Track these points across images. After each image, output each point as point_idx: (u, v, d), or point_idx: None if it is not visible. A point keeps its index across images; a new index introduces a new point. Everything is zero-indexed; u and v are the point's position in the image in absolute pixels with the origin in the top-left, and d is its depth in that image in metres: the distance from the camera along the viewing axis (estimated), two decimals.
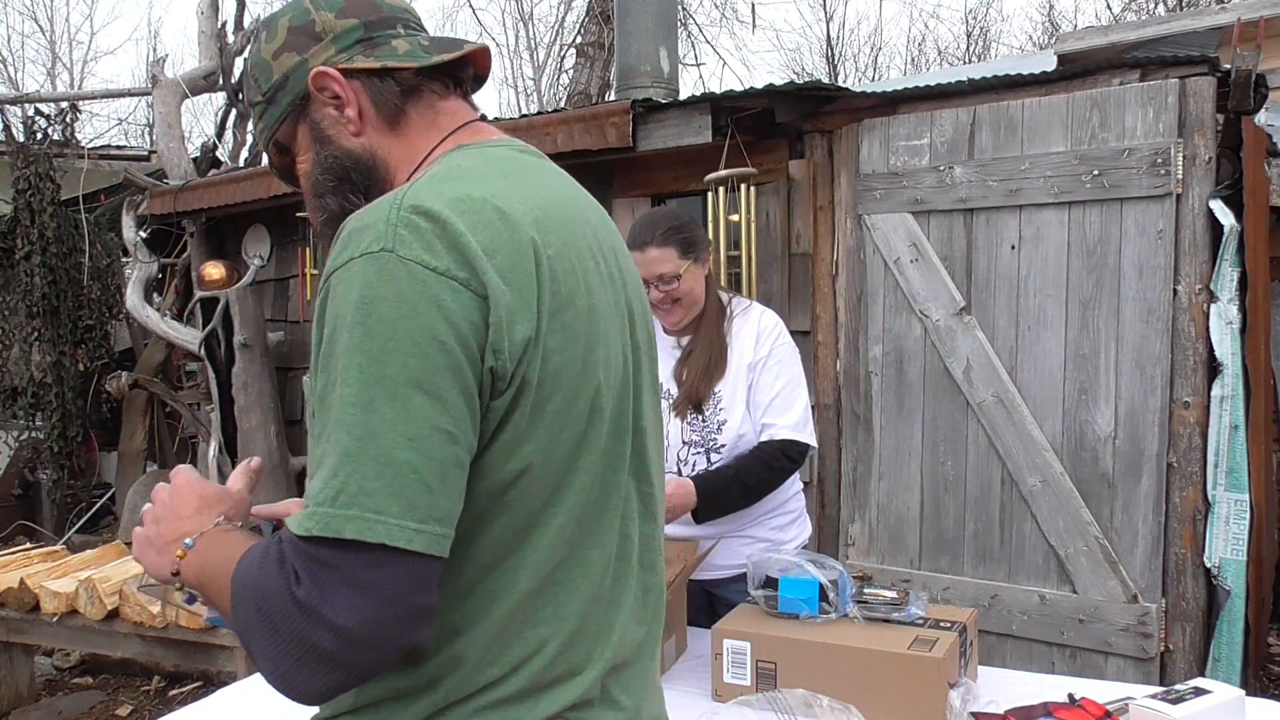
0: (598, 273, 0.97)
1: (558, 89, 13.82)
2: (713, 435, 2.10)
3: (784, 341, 2.17)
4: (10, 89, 15.64)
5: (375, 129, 1.04)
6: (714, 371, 2.12)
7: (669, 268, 2.09)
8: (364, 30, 1.04)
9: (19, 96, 7.48)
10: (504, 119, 4.02)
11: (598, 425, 0.93)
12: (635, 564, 1.01)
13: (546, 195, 0.95)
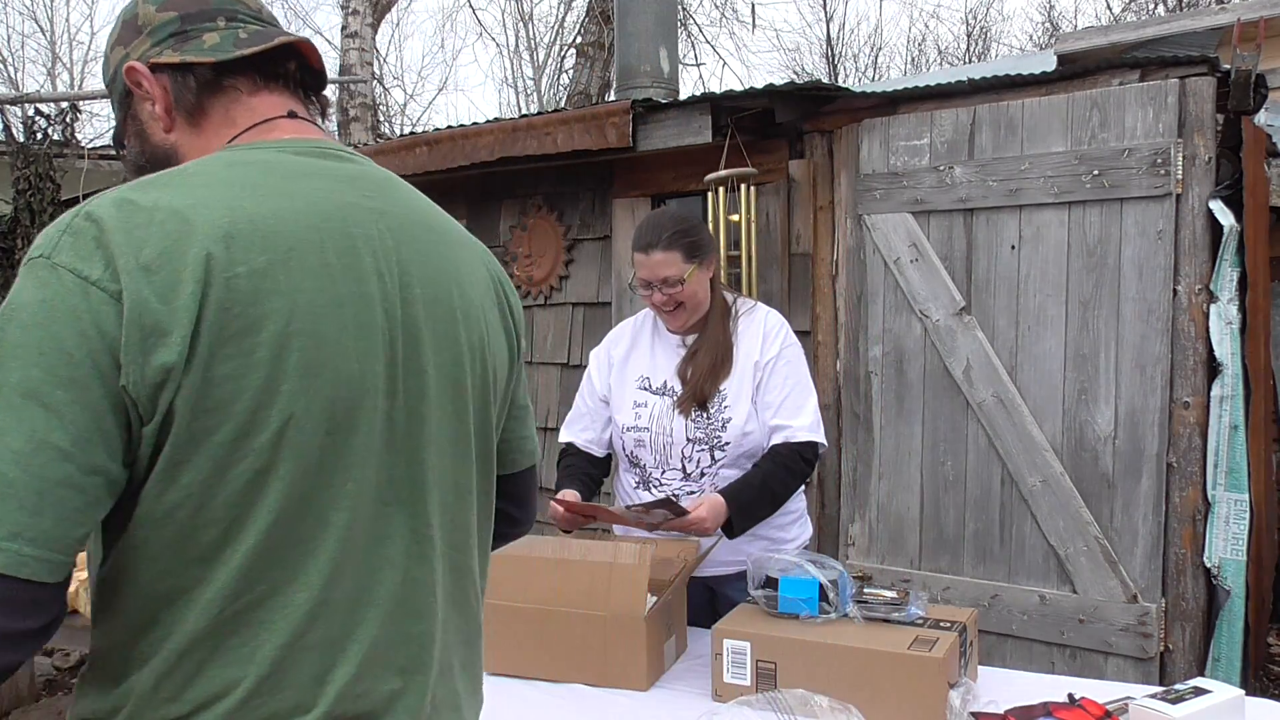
0: (343, 292, 0.89)
1: (558, 89, 13.82)
2: (717, 433, 2.10)
3: (791, 342, 2.17)
4: (10, 89, 15.64)
5: (181, 126, 1.00)
6: (719, 370, 2.11)
7: (673, 271, 2.08)
8: (180, 23, 1.00)
9: (19, 96, 7.48)
10: (504, 119, 4.02)
11: (292, 461, 0.85)
12: (389, 608, 0.93)
13: (283, 205, 0.88)
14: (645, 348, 2.24)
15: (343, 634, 0.90)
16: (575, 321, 4.17)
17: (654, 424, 2.14)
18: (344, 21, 10.03)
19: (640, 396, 2.18)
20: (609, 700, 1.78)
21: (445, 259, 1.00)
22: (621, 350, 2.28)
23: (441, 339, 0.97)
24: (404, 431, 0.94)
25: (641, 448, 2.16)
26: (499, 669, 1.91)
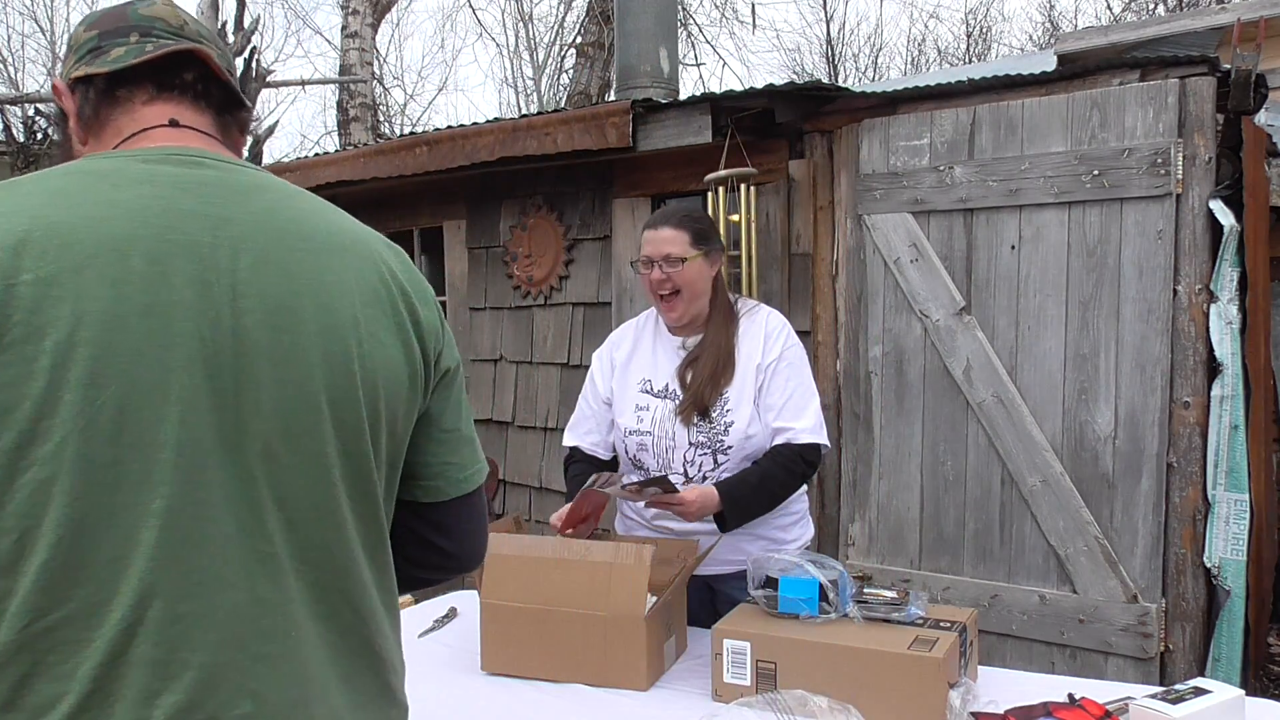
0: (146, 301, 0.87)
1: (558, 89, 13.82)
2: (720, 437, 2.09)
3: (793, 344, 2.16)
4: (10, 89, 15.63)
5: (91, 138, 1.02)
6: (720, 377, 2.09)
7: (676, 249, 2.09)
8: (97, 40, 1.01)
9: (19, 96, 7.48)
10: (504, 119, 4.02)
11: (79, 473, 0.84)
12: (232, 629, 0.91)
13: (93, 213, 0.88)
14: (647, 349, 2.24)
15: (170, 654, 0.87)
16: (575, 321, 4.17)
17: (656, 428, 2.14)
18: (344, 21, 10.03)
19: (642, 400, 2.18)
20: (609, 700, 1.78)
21: (305, 268, 0.95)
22: (624, 353, 2.27)
23: (287, 350, 0.93)
24: (233, 446, 0.90)
25: (644, 451, 2.16)
26: (499, 669, 1.91)
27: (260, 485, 0.92)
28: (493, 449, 4.50)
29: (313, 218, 1.00)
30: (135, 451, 0.86)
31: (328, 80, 11.13)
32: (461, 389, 1.13)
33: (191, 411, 0.88)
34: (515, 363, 4.39)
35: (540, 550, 1.91)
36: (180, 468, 0.88)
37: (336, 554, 0.97)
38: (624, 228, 3.98)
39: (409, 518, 1.10)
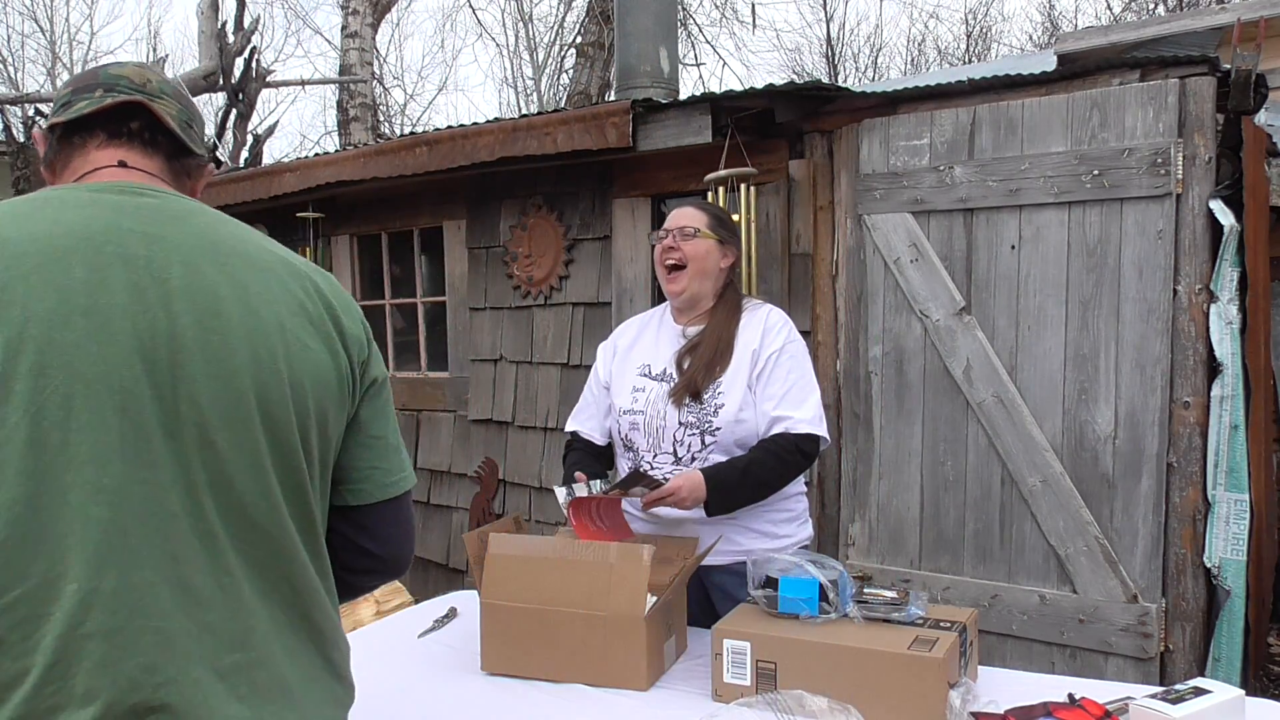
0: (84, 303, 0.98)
1: (558, 89, 13.83)
2: (709, 418, 2.11)
3: (795, 339, 2.19)
4: (10, 89, 15.63)
5: (55, 178, 1.16)
6: (716, 365, 2.13)
7: (690, 222, 2.17)
8: (70, 95, 1.15)
9: (19, 96, 7.48)
10: (504, 119, 4.02)
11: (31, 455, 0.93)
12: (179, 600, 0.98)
13: (40, 230, 1.01)
14: (650, 337, 2.29)
15: (126, 622, 0.94)
16: (575, 321, 4.17)
17: (649, 408, 2.18)
18: (344, 21, 10.03)
19: (639, 382, 2.23)
20: (609, 700, 1.78)
21: (233, 279, 1.06)
22: (627, 339, 2.34)
23: (216, 349, 1.03)
24: (172, 433, 0.99)
25: (635, 430, 2.19)
26: (499, 669, 1.91)
27: (198, 469, 1.00)
28: (493, 449, 4.50)
29: (242, 239, 1.12)
30: (84, 434, 0.95)
31: (328, 80, 11.14)
32: (389, 400, 1.23)
33: (133, 400, 0.98)
34: (515, 363, 4.39)
35: (540, 550, 1.91)
36: (126, 450, 0.96)
37: (273, 535, 1.06)
38: (624, 228, 3.98)
39: (338, 522, 1.18)
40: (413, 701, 1.82)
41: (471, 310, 4.54)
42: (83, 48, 19.28)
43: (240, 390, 1.03)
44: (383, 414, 1.20)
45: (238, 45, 6.53)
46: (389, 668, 1.99)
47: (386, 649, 2.10)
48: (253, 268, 1.09)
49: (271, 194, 4.76)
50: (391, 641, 2.16)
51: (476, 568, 1.96)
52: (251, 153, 6.70)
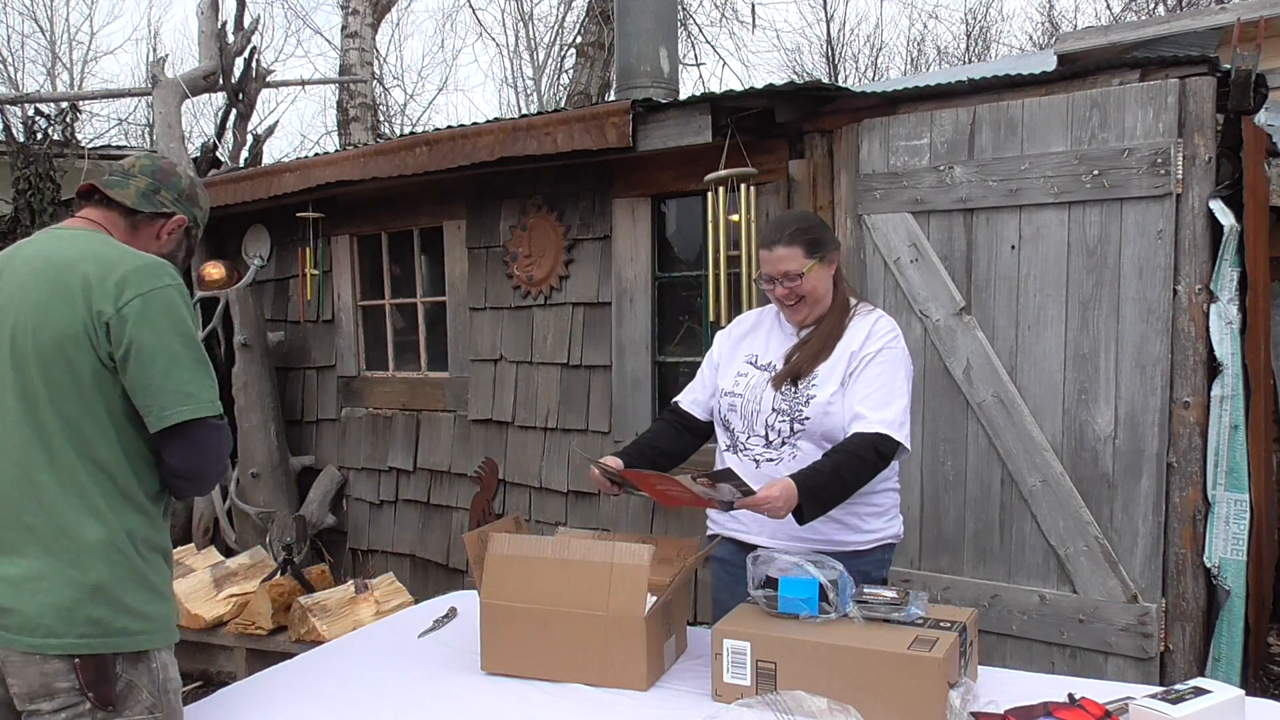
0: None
1: (558, 89, 13.83)
2: (800, 406, 2.17)
3: (895, 345, 2.21)
4: (10, 89, 15.63)
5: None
6: (819, 357, 2.20)
7: (794, 265, 2.19)
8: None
9: (19, 96, 7.48)
10: (504, 119, 4.02)
11: None
12: None
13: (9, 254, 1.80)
14: (764, 331, 2.37)
15: None
16: (575, 321, 4.17)
17: (748, 391, 2.26)
18: (344, 21, 10.02)
19: (744, 369, 2.31)
20: (609, 700, 1.78)
21: (37, 277, 1.72)
22: (743, 328, 2.42)
23: (12, 321, 1.71)
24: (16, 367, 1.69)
25: (733, 412, 2.27)
26: (499, 669, 1.91)
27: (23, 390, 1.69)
28: (493, 449, 4.50)
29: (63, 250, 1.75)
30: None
31: (328, 80, 11.13)
32: (150, 362, 1.68)
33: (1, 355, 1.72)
34: (515, 363, 4.39)
35: (540, 550, 1.91)
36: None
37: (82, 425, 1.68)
38: (624, 228, 3.98)
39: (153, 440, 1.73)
40: (413, 701, 1.82)
41: (471, 310, 4.54)
42: (82, 48, 19.27)
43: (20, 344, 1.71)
44: (144, 371, 1.68)
45: (238, 45, 6.52)
46: (389, 668, 1.99)
47: (386, 649, 2.10)
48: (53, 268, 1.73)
49: (271, 194, 4.75)
50: (391, 641, 2.16)
51: (476, 568, 1.96)
52: (251, 153, 6.69)
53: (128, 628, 1.68)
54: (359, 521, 5.09)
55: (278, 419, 5.11)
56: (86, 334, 1.68)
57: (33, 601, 1.63)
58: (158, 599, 1.74)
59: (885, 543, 2.25)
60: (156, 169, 1.93)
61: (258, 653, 3.62)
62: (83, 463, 1.68)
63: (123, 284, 1.70)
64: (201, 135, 12.10)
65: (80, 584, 1.64)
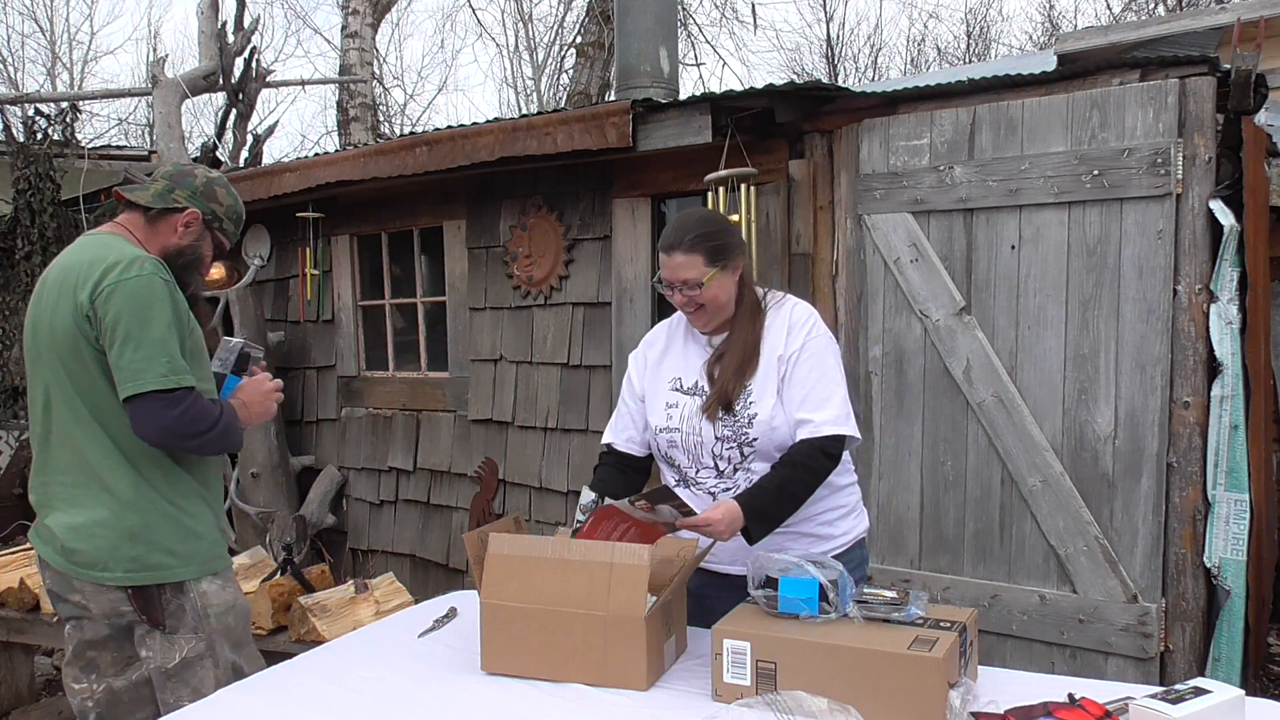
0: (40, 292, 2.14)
1: (558, 89, 13.83)
2: (744, 429, 2.08)
3: (817, 334, 2.12)
4: (10, 89, 15.63)
5: None
6: (745, 371, 2.09)
7: (693, 274, 2.07)
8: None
9: (19, 96, 7.48)
10: (504, 119, 4.02)
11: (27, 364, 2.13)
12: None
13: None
14: (679, 348, 2.24)
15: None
16: (575, 321, 4.17)
17: (684, 424, 2.14)
18: (344, 21, 10.03)
19: (672, 397, 2.18)
20: (609, 700, 1.78)
21: (55, 282, 2.09)
22: (656, 351, 2.28)
23: (35, 321, 2.12)
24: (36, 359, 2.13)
25: (674, 448, 2.16)
26: (499, 669, 1.91)
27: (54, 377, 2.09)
28: (493, 449, 4.50)
29: (75, 255, 2.10)
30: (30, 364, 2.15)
31: (328, 80, 11.13)
32: (111, 343, 1.98)
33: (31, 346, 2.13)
34: (515, 363, 4.39)
35: (540, 550, 1.91)
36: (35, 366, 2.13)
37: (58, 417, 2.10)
38: (624, 228, 3.98)
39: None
40: (413, 701, 1.82)
41: (471, 310, 4.54)
42: (82, 48, 19.28)
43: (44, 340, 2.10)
44: (118, 353, 1.98)
45: (238, 45, 6.52)
46: (389, 668, 1.99)
47: (386, 649, 2.10)
48: (65, 270, 2.09)
49: (271, 194, 4.75)
50: (391, 641, 2.15)
51: (476, 568, 1.96)
52: (251, 153, 6.69)
53: (163, 563, 2.07)
54: (359, 521, 5.09)
55: (278, 419, 5.10)
56: (78, 324, 2.00)
57: (90, 544, 2.04)
58: (190, 537, 2.10)
59: (858, 539, 2.21)
60: (175, 172, 2.19)
61: None
62: (105, 431, 2.04)
63: (102, 277, 1.98)
64: (201, 135, 12.10)
65: (120, 529, 2.03)
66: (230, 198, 2.24)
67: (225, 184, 2.24)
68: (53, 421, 2.10)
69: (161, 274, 2.05)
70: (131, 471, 2.05)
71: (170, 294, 2.04)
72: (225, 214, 2.23)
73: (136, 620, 2.09)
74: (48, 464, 2.14)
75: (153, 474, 2.07)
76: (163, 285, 2.03)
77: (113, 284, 1.98)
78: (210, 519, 2.17)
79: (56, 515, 2.11)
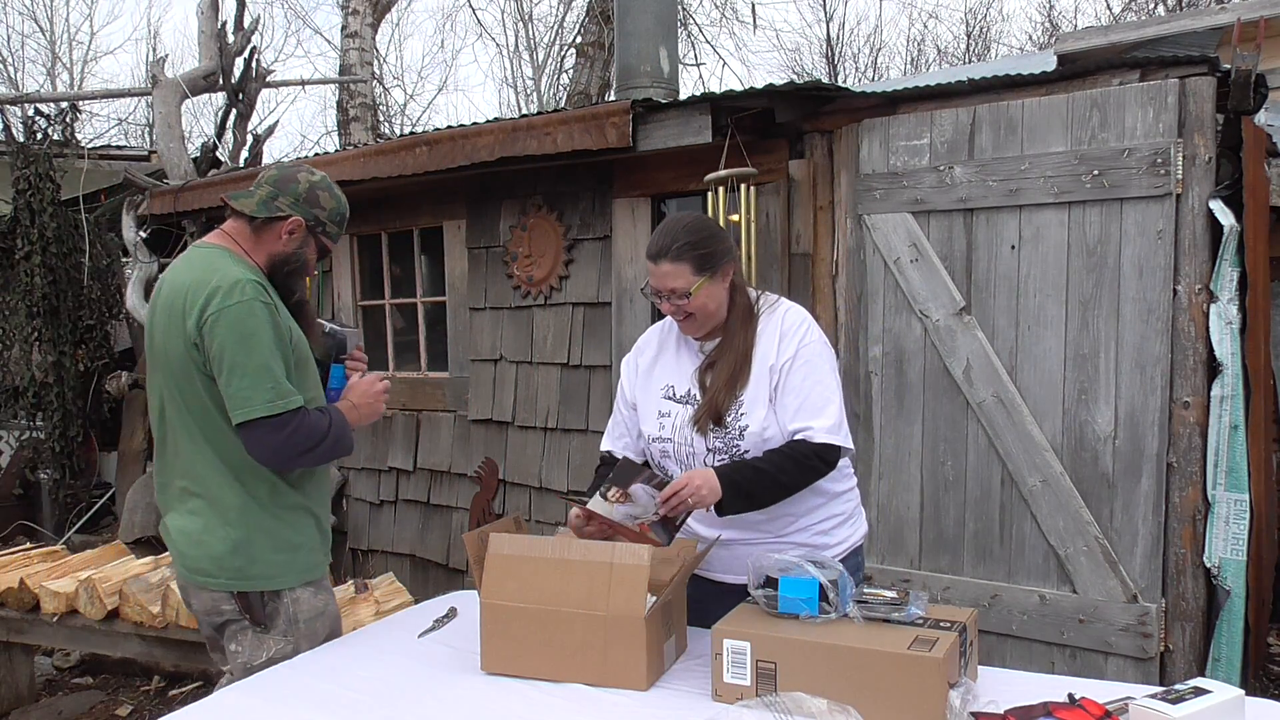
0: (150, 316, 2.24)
1: (558, 89, 13.83)
2: (735, 441, 2.04)
3: (810, 340, 2.07)
4: (10, 89, 15.63)
5: None
6: (736, 382, 2.04)
7: (680, 283, 2.03)
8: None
9: (19, 96, 7.48)
10: (504, 119, 4.02)
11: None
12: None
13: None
14: (671, 354, 2.20)
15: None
16: (575, 321, 4.17)
17: (676, 434, 2.10)
18: (344, 21, 10.02)
19: (665, 406, 2.14)
20: (609, 700, 1.78)
21: (165, 303, 2.15)
22: (648, 358, 2.24)
23: (150, 337, 2.22)
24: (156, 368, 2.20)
25: (666, 458, 2.13)
26: (499, 669, 1.91)
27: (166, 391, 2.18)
28: (493, 449, 4.50)
29: (183, 274, 2.15)
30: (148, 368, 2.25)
31: (328, 80, 11.13)
32: (219, 372, 2.06)
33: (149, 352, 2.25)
34: (515, 363, 4.39)
35: (540, 550, 1.91)
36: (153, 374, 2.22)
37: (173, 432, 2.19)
38: (624, 228, 3.98)
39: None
40: (413, 701, 1.82)
41: (471, 310, 4.54)
42: (82, 48, 19.28)
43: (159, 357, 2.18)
44: (227, 379, 2.05)
45: (238, 45, 6.52)
46: (389, 668, 1.99)
47: (386, 649, 2.10)
48: (171, 289, 2.15)
49: None
50: (391, 641, 2.15)
51: (476, 568, 1.96)
52: (251, 153, 6.69)
53: (262, 573, 2.16)
54: (359, 521, 5.09)
55: None
56: (187, 350, 2.09)
57: (196, 550, 2.15)
58: (287, 549, 2.19)
59: (854, 546, 2.17)
60: (278, 178, 2.22)
61: None
62: (213, 448, 2.13)
63: (205, 306, 2.06)
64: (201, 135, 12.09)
65: (226, 540, 2.13)
66: (333, 200, 2.25)
67: (328, 186, 2.26)
68: (167, 429, 2.19)
69: (261, 296, 2.09)
70: (238, 486, 2.13)
71: (270, 316, 2.08)
72: (328, 218, 2.25)
73: (234, 617, 2.18)
74: (164, 465, 2.23)
75: (258, 489, 2.15)
76: (263, 309, 2.07)
77: (215, 313, 2.04)
78: (311, 530, 2.25)
79: (173, 517, 2.21)
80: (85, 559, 4.24)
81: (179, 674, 4.30)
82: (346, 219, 2.32)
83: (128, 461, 6.26)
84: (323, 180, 2.26)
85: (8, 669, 4.11)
